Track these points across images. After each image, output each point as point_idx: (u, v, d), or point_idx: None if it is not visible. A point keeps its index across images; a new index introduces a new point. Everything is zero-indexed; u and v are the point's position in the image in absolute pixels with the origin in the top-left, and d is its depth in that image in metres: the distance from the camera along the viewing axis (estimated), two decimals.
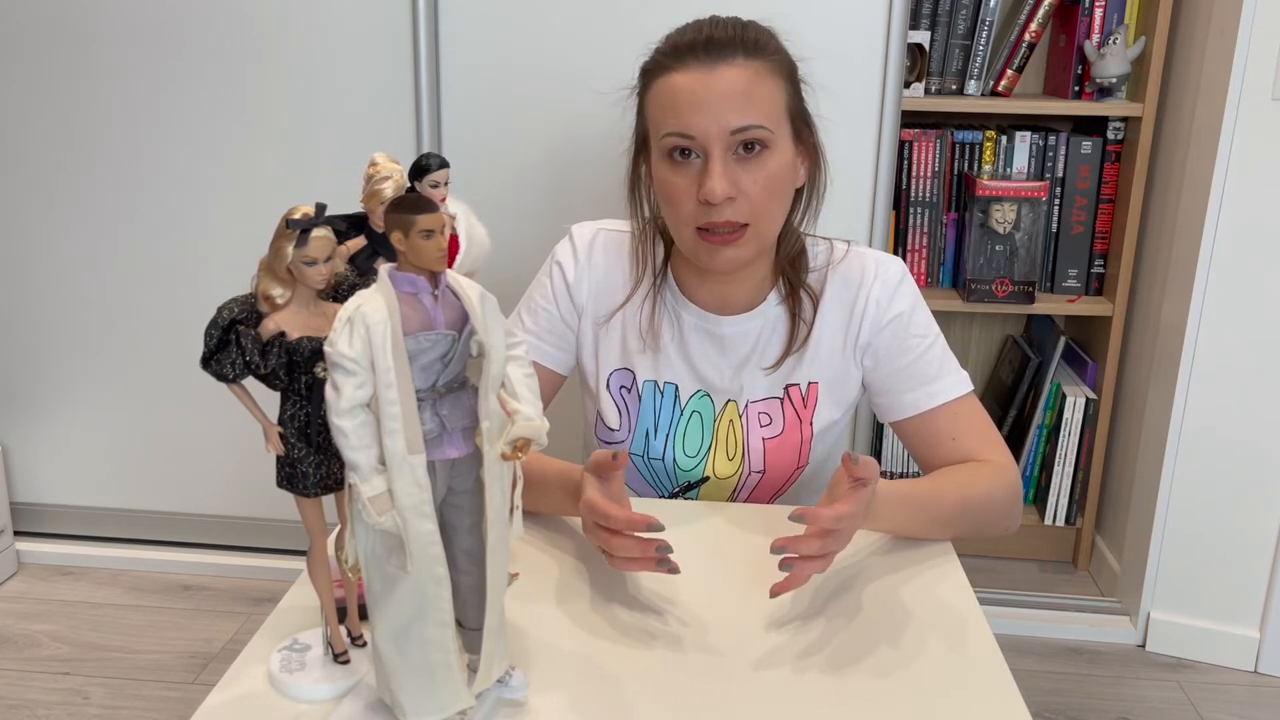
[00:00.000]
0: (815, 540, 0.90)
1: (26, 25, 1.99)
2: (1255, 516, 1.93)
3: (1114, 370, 2.20)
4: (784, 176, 1.11)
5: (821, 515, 0.89)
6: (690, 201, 1.09)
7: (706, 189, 1.06)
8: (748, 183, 1.08)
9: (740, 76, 1.07)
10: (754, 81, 1.07)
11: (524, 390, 0.73)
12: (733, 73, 1.07)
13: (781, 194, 1.12)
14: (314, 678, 0.84)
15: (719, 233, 1.09)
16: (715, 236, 1.09)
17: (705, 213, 1.08)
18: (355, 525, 0.72)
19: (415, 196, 0.71)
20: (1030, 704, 0.84)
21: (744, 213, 1.08)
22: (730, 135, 1.06)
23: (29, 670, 1.91)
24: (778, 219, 1.14)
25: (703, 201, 1.07)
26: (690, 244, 1.13)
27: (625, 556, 0.94)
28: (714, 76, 1.07)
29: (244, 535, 2.25)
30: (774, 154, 1.09)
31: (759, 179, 1.08)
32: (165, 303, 2.11)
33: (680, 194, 1.10)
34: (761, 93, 1.08)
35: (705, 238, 1.10)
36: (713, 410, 1.23)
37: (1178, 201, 1.97)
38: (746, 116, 1.06)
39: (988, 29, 2.10)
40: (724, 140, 1.06)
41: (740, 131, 1.06)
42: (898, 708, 0.83)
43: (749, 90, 1.07)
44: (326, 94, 1.95)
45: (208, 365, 0.77)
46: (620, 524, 0.93)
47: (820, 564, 0.92)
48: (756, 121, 1.07)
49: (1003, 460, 1.16)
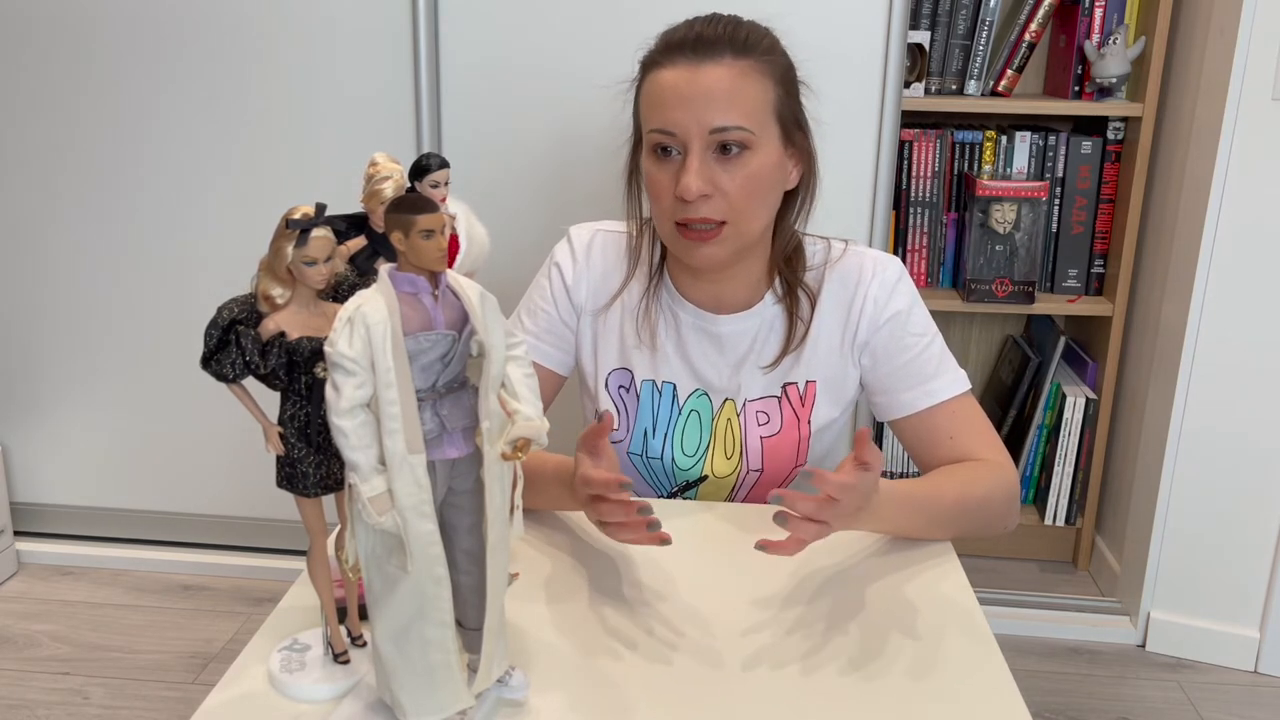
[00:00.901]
0: (813, 502, 0.91)
1: (27, 25, 1.99)
2: (1255, 516, 1.93)
3: (1114, 370, 2.20)
4: (766, 178, 1.11)
5: (829, 479, 0.90)
6: (670, 196, 1.10)
7: (681, 186, 1.07)
8: (726, 181, 1.08)
9: (724, 76, 1.08)
10: (738, 81, 1.08)
11: (524, 390, 0.73)
12: (717, 72, 1.08)
13: (762, 195, 1.12)
14: (314, 678, 0.84)
15: (695, 229, 1.10)
16: (692, 233, 1.10)
17: (682, 209, 1.09)
18: (355, 525, 0.72)
19: (415, 196, 0.71)
20: (1030, 704, 0.84)
21: (721, 210, 1.09)
22: (709, 134, 1.07)
23: (29, 670, 1.91)
24: (758, 219, 1.13)
25: (678, 198, 1.08)
26: (670, 238, 1.14)
27: (614, 522, 0.95)
28: (698, 74, 1.08)
29: (244, 535, 2.25)
30: (755, 155, 1.09)
31: (737, 178, 1.09)
32: (165, 303, 2.11)
33: (662, 189, 1.11)
34: (746, 93, 1.08)
35: (683, 234, 1.11)
36: (711, 409, 1.24)
37: (1178, 201, 1.97)
38: (727, 116, 1.07)
39: (988, 29, 2.10)
40: (703, 139, 1.08)
41: (719, 131, 1.07)
42: (898, 708, 0.83)
43: (732, 90, 1.08)
44: (326, 94, 1.95)
45: (208, 365, 0.77)
46: (600, 486, 0.94)
47: (814, 529, 0.92)
48: (737, 122, 1.07)
49: (1000, 459, 1.16)
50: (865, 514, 0.99)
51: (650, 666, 0.88)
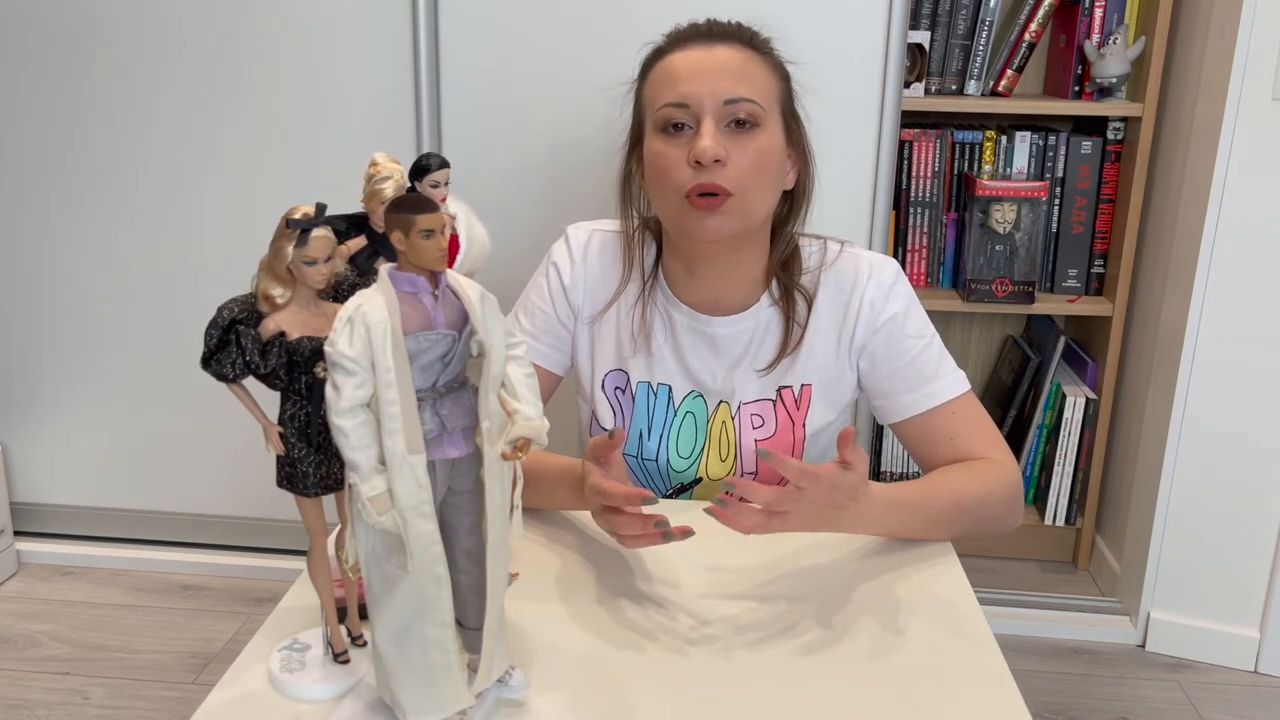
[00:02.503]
0: (770, 492, 0.91)
1: (26, 25, 1.99)
2: (1255, 516, 1.93)
3: (1114, 370, 2.20)
4: (773, 157, 1.12)
5: (789, 464, 0.91)
6: (681, 169, 1.09)
7: (698, 149, 1.08)
8: (737, 153, 1.09)
9: (737, 56, 1.11)
10: (750, 63, 1.12)
11: (524, 390, 0.73)
12: (730, 52, 1.12)
13: (770, 173, 1.12)
14: (314, 678, 0.84)
15: (705, 197, 1.09)
16: (701, 200, 1.09)
17: (695, 174, 1.09)
18: (355, 525, 0.72)
19: (415, 196, 0.71)
20: (1030, 704, 0.84)
21: (731, 180, 1.09)
22: (724, 106, 1.09)
23: (29, 670, 1.91)
24: (763, 199, 1.13)
25: (693, 163, 1.08)
26: (676, 213, 1.12)
27: (631, 535, 0.96)
28: (712, 53, 1.11)
29: (244, 535, 2.25)
30: (764, 133, 1.11)
31: (748, 151, 1.10)
32: (165, 303, 2.11)
33: (671, 163, 1.10)
34: (757, 75, 1.12)
35: (694, 202, 1.10)
36: (706, 411, 1.23)
37: (1178, 201, 1.97)
38: (740, 89, 1.09)
39: (988, 29, 2.10)
40: (717, 110, 1.09)
41: (734, 103, 1.09)
42: (898, 708, 0.83)
43: (744, 68, 1.11)
44: (326, 94, 1.95)
45: (208, 365, 0.78)
46: (619, 500, 0.94)
47: (757, 519, 0.92)
48: (750, 95, 1.10)
49: (1001, 457, 1.16)
50: (852, 516, 0.99)
51: (650, 666, 0.88)
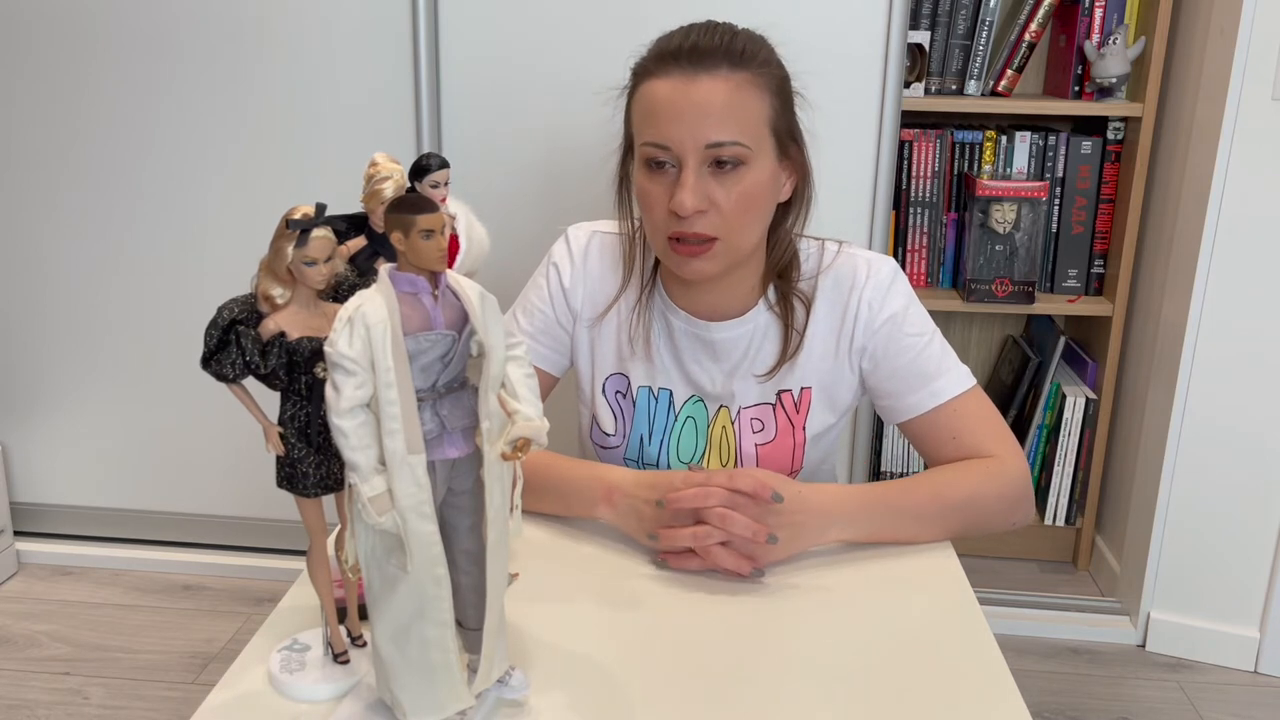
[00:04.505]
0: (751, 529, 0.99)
1: (26, 25, 1.99)
2: (1255, 516, 1.93)
3: (1114, 370, 2.20)
4: (760, 193, 1.10)
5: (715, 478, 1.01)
6: (663, 210, 1.09)
7: (676, 201, 1.06)
8: (721, 196, 1.07)
9: (720, 89, 1.05)
10: (734, 95, 1.06)
11: (524, 390, 0.73)
12: (713, 84, 1.05)
13: (756, 210, 1.11)
14: (314, 678, 0.84)
15: (688, 243, 1.09)
16: (684, 247, 1.09)
17: (675, 223, 1.08)
18: (355, 525, 0.72)
19: (415, 196, 0.71)
20: (1030, 704, 0.84)
21: (714, 226, 1.08)
22: (705, 149, 1.06)
23: (29, 670, 1.91)
24: (751, 234, 1.13)
25: (672, 212, 1.07)
26: (662, 251, 1.13)
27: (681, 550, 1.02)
28: (694, 87, 1.05)
29: (244, 535, 2.25)
30: (750, 170, 1.08)
31: (732, 194, 1.07)
32: (165, 303, 2.11)
33: (655, 202, 1.10)
34: (742, 107, 1.07)
35: (675, 248, 1.10)
36: (706, 416, 1.23)
37: (1178, 201, 1.97)
38: (723, 132, 1.05)
39: (988, 29, 2.10)
40: (699, 154, 1.06)
41: (716, 146, 1.06)
42: (898, 708, 0.83)
43: (728, 104, 1.06)
44: (326, 94, 1.95)
45: (208, 365, 0.77)
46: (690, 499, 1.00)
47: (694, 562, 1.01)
48: (733, 138, 1.06)
49: (1004, 454, 1.14)
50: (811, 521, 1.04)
51: (650, 666, 0.88)
